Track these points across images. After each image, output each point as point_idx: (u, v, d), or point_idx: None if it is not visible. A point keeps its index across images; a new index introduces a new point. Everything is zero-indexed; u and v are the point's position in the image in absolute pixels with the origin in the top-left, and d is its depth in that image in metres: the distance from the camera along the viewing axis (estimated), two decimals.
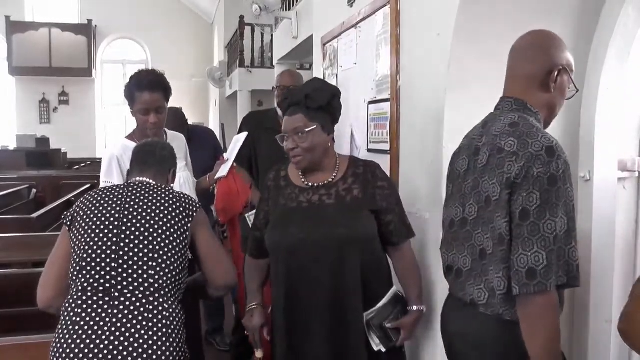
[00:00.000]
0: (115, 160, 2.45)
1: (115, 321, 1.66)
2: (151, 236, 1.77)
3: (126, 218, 1.79)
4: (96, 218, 1.80)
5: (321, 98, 1.93)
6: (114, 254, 1.73)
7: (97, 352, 1.61)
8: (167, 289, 1.75)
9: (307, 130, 1.91)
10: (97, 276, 1.71)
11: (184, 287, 1.84)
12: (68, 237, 1.83)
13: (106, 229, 1.77)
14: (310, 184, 2.00)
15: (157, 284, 1.73)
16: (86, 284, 1.71)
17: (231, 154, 2.83)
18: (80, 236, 1.78)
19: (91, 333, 1.63)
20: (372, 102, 2.77)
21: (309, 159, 1.95)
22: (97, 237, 1.76)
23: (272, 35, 8.75)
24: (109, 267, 1.72)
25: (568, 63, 1.55)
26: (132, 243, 1.75)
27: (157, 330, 1.67)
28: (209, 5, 15.06)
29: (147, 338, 1.65)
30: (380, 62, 2.66)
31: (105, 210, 1.81)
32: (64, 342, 1.64)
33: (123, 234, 1.76)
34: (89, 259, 1.73)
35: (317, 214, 1.95)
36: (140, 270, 1.73)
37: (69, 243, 1.81)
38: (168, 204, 1.85)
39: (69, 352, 1.62)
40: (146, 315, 1.68)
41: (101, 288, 1.70)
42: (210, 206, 3.13)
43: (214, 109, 14.79)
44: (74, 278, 1.74)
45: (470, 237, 1.53)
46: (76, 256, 1.75)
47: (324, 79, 3.68)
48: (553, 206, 1.31)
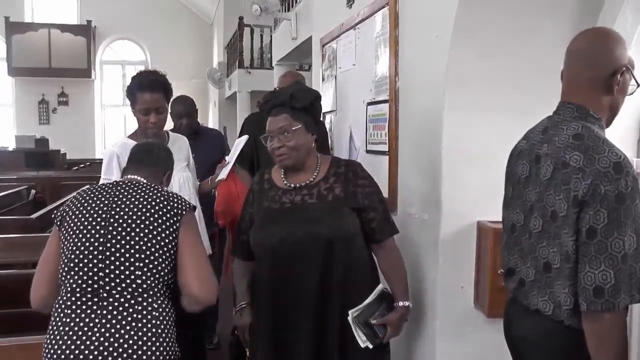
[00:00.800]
0: (115, 158, 2.46)
1: (105, 322, 1.65)
2: (137, 236, 1.74)
3: (112, 218, 1.76)
4: (84, 218, 1.78)
5: (305, 98, 1.99)
6: (100, 254, 1.71)
7: (88, 353, 1.60)
8: (156, 289, 1.73)
9: (292, 129, 1.95)
10: (85, 277, 1.69)
11: (172, 286, 1.81)
12: (58, 237, 1.81)
13: (93, 229, 1.75)
14: (292, 184, 2.04)
15: (144, 284, 1.71)
16: (75, 285, 1.69)
17: (232, 156, 2.84)
18: (69, 236, 1.76)
19: (81, 334, 1.63)
20: (370, 103, 2.78)
21: (294, 158, 2.00)
22: (84, 238, 1.74)
23: (271, 36, 8.75)
24: (96, 268, 1.70)
25: (630, 61, 1.48)
26: (118, 243, 1.73)
27: (146, 330, 1.66)
28: (209, 6, 15.06)
29: (137, 339, 1.64)
30: (379, 63, 2.67)
31: (92, 210, 1.79)
32: (54, 344, 1.64)
33: (109, 234, 1.74)
34: (77, 259, 1.71)
35: (299, 213, 1.99)
36: (127, 271, 1.71)
37: (59, 243, 1.79)
38: (155, 202, 1.81)
39: (60, 353, 1.62)
40: (135, 315, 1.67)
41: (89, 289, 1.69)
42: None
43: (214, 109, 14.79)
44: (63, 279, 1.73)
45: (534, 249, 1.51)
46: (64, 257, 1.74)
47: (323, 80, 3.70)
48: (621, 224, 1.29)
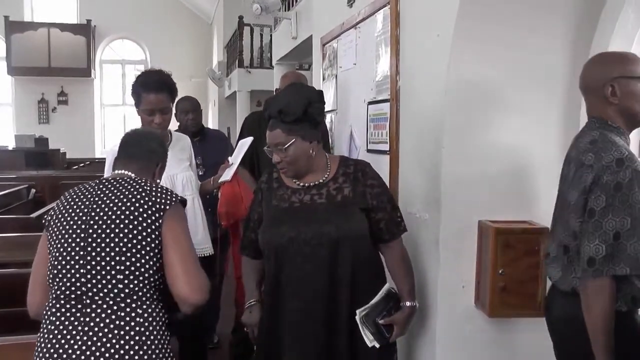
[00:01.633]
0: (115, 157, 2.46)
1: (87, 330, 1.58)
2: (117, 237, 1.65)
3: (92, 220, 1.68)
4: (65, 221, 1.71)
5: (295, 111, 1.93)
6: (82, 259, 1.63)
7: None
8: (140, 293, 1.64)
9: (287, 145, 1.94)
10: (69, 283, 1.63)
11: (162, 286, 1.70)
12: (46, 241, 1.75)
13: (74, 232, 1.67)
14: (301, 184, 2.03)
15: (127, 289, 1.62)
16: (59, 292, 1.64)
17: (236, 158, 2.84)
18: (53, 241, 1.70)
19: (64, 343, 1.57)
20: (371, 103, 2.78)
21: (294, 170, 2.00)
22: (66, 243, 1.67)
23: (271, 36, 8.75)
24: (78, 274, 1.62)
25: (622, 71, 1.64)
26: (98, 246, 1.64)
27: (129, 338, 1.58)
28: (208, 5, 15.05)
29: (121, 346, 1.56)
30: (380, 62, 2.66)
31: (74, 213, 1.71)
32: (44, 352, 1.59)
33: (90, 237, 1.65)
34: (59, 265, 1.65)
35: (308, 213, 1.99)
36: (109, 275, 1.62)
37: (47, 247, 1.73)
38: (136, 198, 1.70)
39: None
40: (118, 322, 1.59)
41: (73, 296, 1.62)
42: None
43: (213, 109, 14.79)
44: (50, 285, 1.68)
45: (558, 236, 1.74)
46: (50, 263, 1.69)
47: (324, 79, 3.69)
48: (616, 208, 1.52)
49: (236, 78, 10.93)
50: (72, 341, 1.57)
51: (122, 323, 1.59)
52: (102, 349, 1.55)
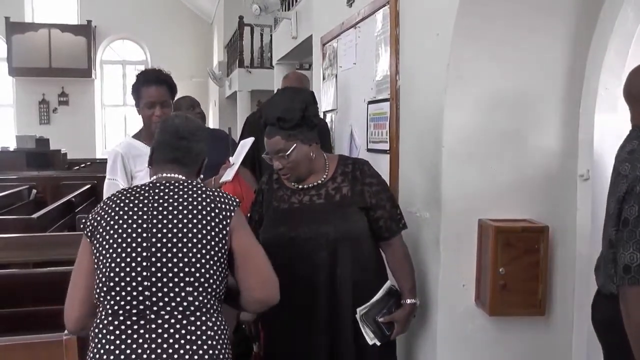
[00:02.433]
0: (119, 158, 2.47)
1: (155, 347, 1.46)
2: (185, 247, 1.53)
3: (155, 228, 1.55)
4: (121, 229, 1.55)
5: (293, 117, 1.93)
6: (145, 270, 1.51)
7: None
8: (209, 304, 1.54)
9: (288, 151, 1.94)
10: (129, 297, 1.50)
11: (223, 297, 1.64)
12: (90, 251, 1.59)
13: (134, 241, 1.53)
14: (300, 185, 2.04)
15: (197, 301, 1.52)
16: (117, 307, 1.50)
17: (237, 158, 2.84)
18: (105, 250, 1.55)
19: None
20: (371, 102, 2.78)
21: (296, 174, 2.01)
22: (124, 252, 1.52)
23: (271, 36, 8.75)
24: (141, 287, 1.50)
25: None
26: (164, 257, 1.52)
27: (203, 353, 1.49)
28: (209, 5, 15.06)
29: None
30: (380, 62, 2.67)
31: (130, 220, 1.56)
32: None
33: (154, 246, 1.53)
34: (117, 277, 1.50)
35: (307, 213, 2.00)
36: (177, 288, 1.50)
37: (92, 257, 1.58)
38: (202, 205, 1.59)
39: None
40: (189, 337, 1.49)
41: (134, 311, 1.49)
42: None
43: (214, 109, 14.80)
44: (101, 300, 1.53)
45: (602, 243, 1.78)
46: (102, 275, 1.53)
47: (324, 79, 3.69)
48: None
49: (237, 78, 10.94)
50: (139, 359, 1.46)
51: (194, 338, 1.49)
52: None
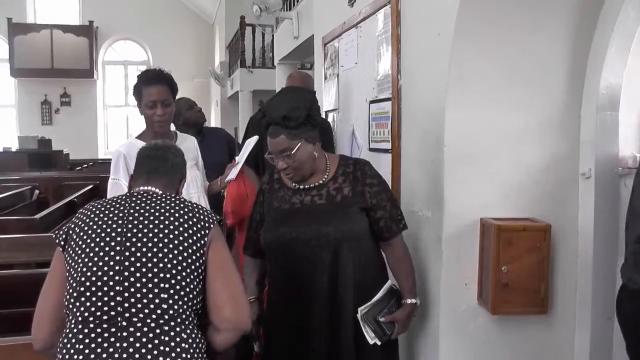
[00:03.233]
0: (122, 158, 2.49)
1: (127, 356, 1.39)
2: (161, 252, 1.48)
3: (130, 232, 1.51)
4: (95, 234, 1.51)
5: (298, 115, 1.93)
6: (118, 275, 1.45)
7: None
8: (184, 315, 1.48)
9: (293, 151, 1.94)
10: (100, 303, 1.43)
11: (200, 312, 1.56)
12: (62, 261, 1.53)
13: (107, 245, 1.49)
14: (302, 185, 2.04)
15: (171, 309, 1.45)
16: (87, 313, 1.44)
17: (241, 157, 2.86)
18: (77, 256, 1.50)
19: None
20: (373, 102, 2.78)
21: (301, 174, 2.01)
22: (96, 257, 1.47)
23: (272, 36, 8.75)
24: (112, 292, 1.44)
25: None
26: (138, 262, 1.47)
27: None
28: (210, 5, 15.06)
29: None
30: (381, 61, 2.67)
31: (105, 225, 1.52)
32: None
33: (128, 250, 1.48)
34: (88, 282, 1.45)
35: (308, 214, 2.00)
36: (151, 294, 1.44)
37: (64, 267, 1.52)
38: (179, 214, 1.56)
39: None
40: (163, 348, 1.41)
41: (105, 317, 1.43)
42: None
43: (215, 109, 14.80)
44: (70, 307, 1.47)
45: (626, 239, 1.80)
46: (73, 281, 1.48)
47: (325, 78, 3.70)
48: None
49: (238, 78, 10.95)
50: None
51: (167, 349, 1.42)
52: None
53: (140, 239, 1.50)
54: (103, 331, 1.42)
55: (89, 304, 1.44)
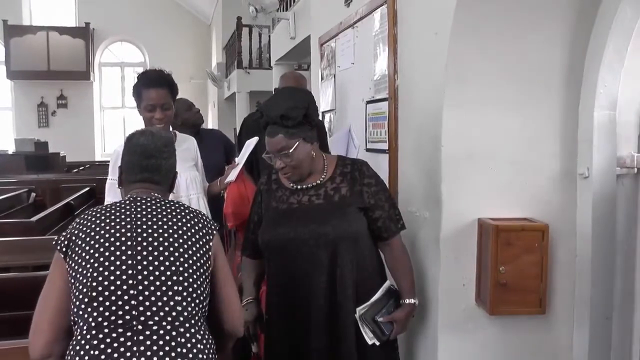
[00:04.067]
0: (119, 158, 2.46)
1: (145, 359, 1.40)
2: (172, 256, 1.50)
3: (141, 237, 1.51)
4: (103, 239, 1.51)
5: (297, 114, 1.94)
6: (131, 279, 1.45)
7: None
8: (197, 317, 1.50)
9: (291, 150, 1.94)
10: (114, 307, 1.43)
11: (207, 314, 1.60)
12: (63, 268, 1.52)
13: (118, 250, 1.49)
14: (299, 186, 2.04)
15: (185, 311, 1.47)
16: (100, 318, 1.43)
17: (241, 158, 2.85)
18: (85, 262, 1.48)
19: None
20: (370, 102, 2.78)
21: (299, 173, 2.01)
22: (107, 261, 1.47)
23: (269, 36, 8.75)
24: (127, 296, 1.44)
25: None
26: (151, 265, 1.48)
27: None
28: (207, 6, 15.06)
29: None
30: (378, 61, 2.66)
31: (113, 230, 1.52)
32: None
33: (139, 254, 1.48)
34: (100, 287, 1.44)
35: (306, 214, 2.00)
36: (166, 297, 1.46)
37: (66, 275, 1.51)
38: (185, 219, 1.60)
39: None
40: (179, 350, 1.43)
41: (120, 322, 1.43)
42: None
43: (213, 110, 14.79)
44: (80, 313, 1.45)
45: None
46: (82, 286, 1.46)
47: (322, 79, 3.69)
48: None
49: (235, 79, 10.94)
50: None
51: (185, 350, 1.44)
52: None
53: (151, 242, 1.52)
54: (119, 336, 1.42)
55: (102, 308, 1.44)
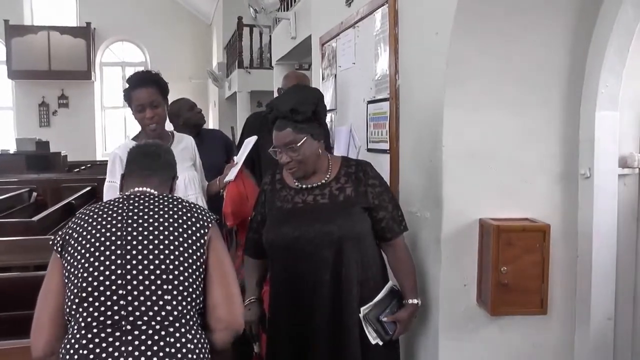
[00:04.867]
0: (118, 159, 2.48)
1: None
2: (162, 254, 1.48)
3: (130, 235, 1.50)
4: (94, 239, 1.50)
5: (306, 109, 1.94)
6: (120, 278, 1.44)
7: None
8: (188, 316, 1.48)
9: (298, 144, 1.94)
10: (103, 307, 1.42)
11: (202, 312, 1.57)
12: (60, 266, 1.52)
13: (107, 250, 1.48)
14: (304, 185, 2.04)
15: (175, 310, 1.45)
16: (90, 319, 1.43)
17: (240, 157, 2.84)
18: (77, 262, 1.48)
19: None
20: (371, 102, 2.77)
21: (304, 169, 2.01)
22: (97, 261, 1.46)
23: (270, 36, 8.75)
24: (115, 296, 1.43)
25: None
26: (140, 264, 1.46)
27: None
28: (207, 6, 15.05)
29: None
30: (379, 61, 2.66)
31: (104, 229, 1.51)
32: None
33: (129, 254, 1.47)
34: (90, 287, 1.44)
35: (311, 213, 2.00)
36: (155, 296, 1.44)
37: (62, 273, 1.51)
38: (177, 215, 1.56)
39: None
40: (169, 350, 1.41)
41: (109, 322, 1.42)
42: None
43: (213, 110, 14.79)
44: (72, 313, 1.46)
45: None
46: (73, 287, 1.46)
47: (323, 79, 3.69)
48: None
49: (236, 79, 10.94)
50: None
51: (174, 350, 1.42)
52: None
53: (140, 241, 1.50)
54: (107, 336, 1.41)
55: (91, 309, 1.43)
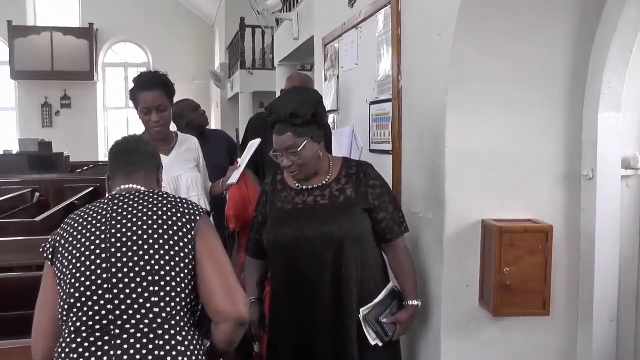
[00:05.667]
0: None
1: None
2: (147, 254, 1.45)
3: (114, 237, 1.47)
4: (79, 244, 1.48)
5: (306, 113, 1.94)
6: (106, 283, 1.42)
7: None
8: (178, 317, 1.44)
9: (299, 148, 1.94)
10: (91, 312, 1.41)
11: (200, 308, 1.53)
12: (53, 274, 1.51)
13: (92, 254, 1.46)
14: (305, 186, 2.05)
15: (164, 312, 1.42)
16: (79, 324, 1.42)
17: (244, 159, 2.84)
18: (65, 269, 1.47)
19: None
20: (374, 103, 2.77)
21: (305, 172, 2.01)
22: (83, 267, 1.44)
23: (273, 37, 8.75)
24: (103, 300, 1.41)
25: None
26: (125, 267, 1.43)
27: None
28: (210, 7, 15.07)
29: None
30: (382, 62, 2.66)
31: (89, 233, 1.49)
32: None
33: (114, 257, 1.44)
34: (77, 293, 1.43)
35: (311, 214, 2.01)
36: (142, 299, 1.41)
37: (55, 280, 1.50)
38: (162, 211, 1.51)
39: None
40: (157, 353, 1.39)
41: (97, 326, 1.41)
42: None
43: (216, 111, 14.81)
44: (64, 319, 1.46)
45: None
46: (63, 293, 1.46)
47: (325, 79, 3.69)
48: None
49: (238, 79, 10.95)
50: None
51: (162, 353, 1.39)
52: None
53: (125, 243, 1.46)
54: (96, 340, 1.41)
55: (80, 314, 1.43)
